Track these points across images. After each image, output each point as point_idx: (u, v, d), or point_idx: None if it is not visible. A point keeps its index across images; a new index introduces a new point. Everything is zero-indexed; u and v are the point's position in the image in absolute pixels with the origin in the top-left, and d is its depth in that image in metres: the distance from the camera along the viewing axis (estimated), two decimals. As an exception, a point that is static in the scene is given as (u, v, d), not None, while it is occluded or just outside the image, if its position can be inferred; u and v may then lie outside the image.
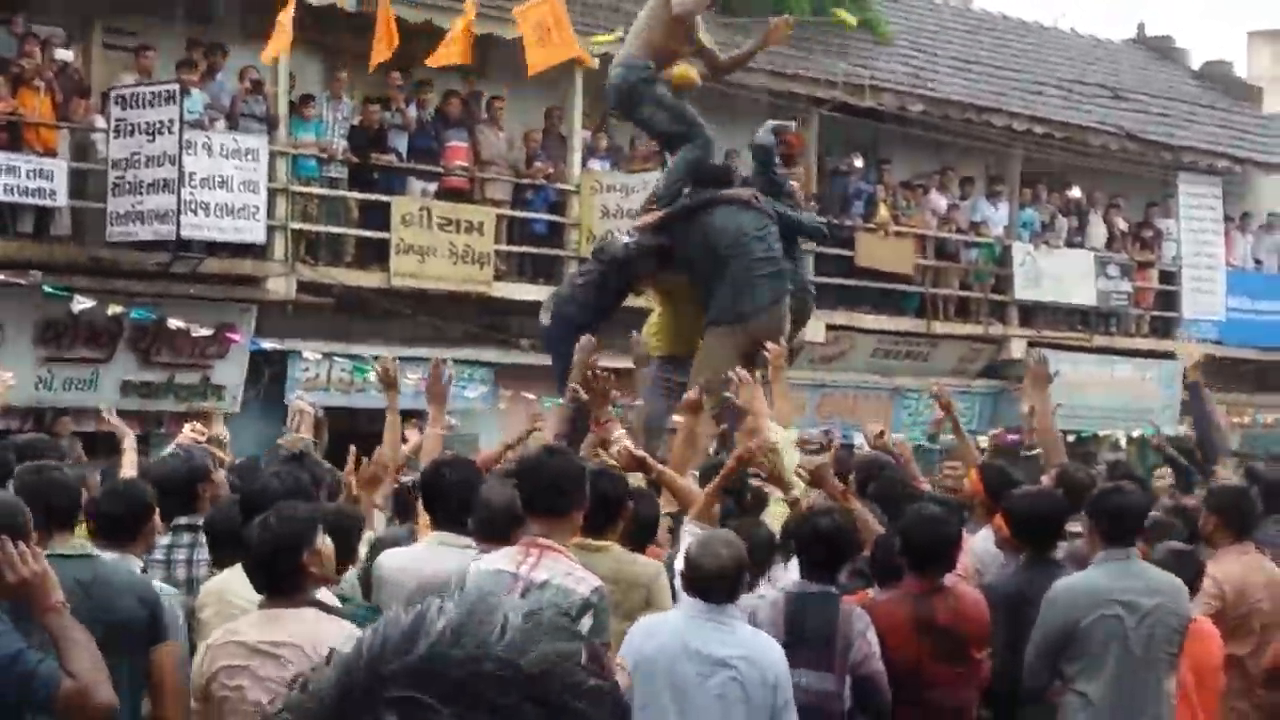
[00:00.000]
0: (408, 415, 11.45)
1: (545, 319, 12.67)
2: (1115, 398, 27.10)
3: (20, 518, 5.56)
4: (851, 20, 13.61)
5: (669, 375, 12.28)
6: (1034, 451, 11.17)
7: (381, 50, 16.77)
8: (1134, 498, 7.74)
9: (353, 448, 8.92)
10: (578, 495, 6.44)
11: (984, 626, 7.19)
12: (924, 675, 7.03)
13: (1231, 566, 8.42)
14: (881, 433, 11.98)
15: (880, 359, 25.81)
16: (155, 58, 19.11)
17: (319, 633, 5.46)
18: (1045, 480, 9.18)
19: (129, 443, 9.91)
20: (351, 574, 7.03)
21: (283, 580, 5.72)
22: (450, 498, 6.94)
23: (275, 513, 5.81)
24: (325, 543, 5.80)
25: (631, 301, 13.65)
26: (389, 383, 9.91)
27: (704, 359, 11.88)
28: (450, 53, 16.25)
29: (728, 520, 7.83)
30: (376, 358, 12.97)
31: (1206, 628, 7.75)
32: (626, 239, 12.43)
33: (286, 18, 15.48)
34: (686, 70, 12.52)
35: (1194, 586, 7.76)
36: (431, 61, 17.70)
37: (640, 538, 7.52)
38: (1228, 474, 10.19)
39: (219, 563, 7.07)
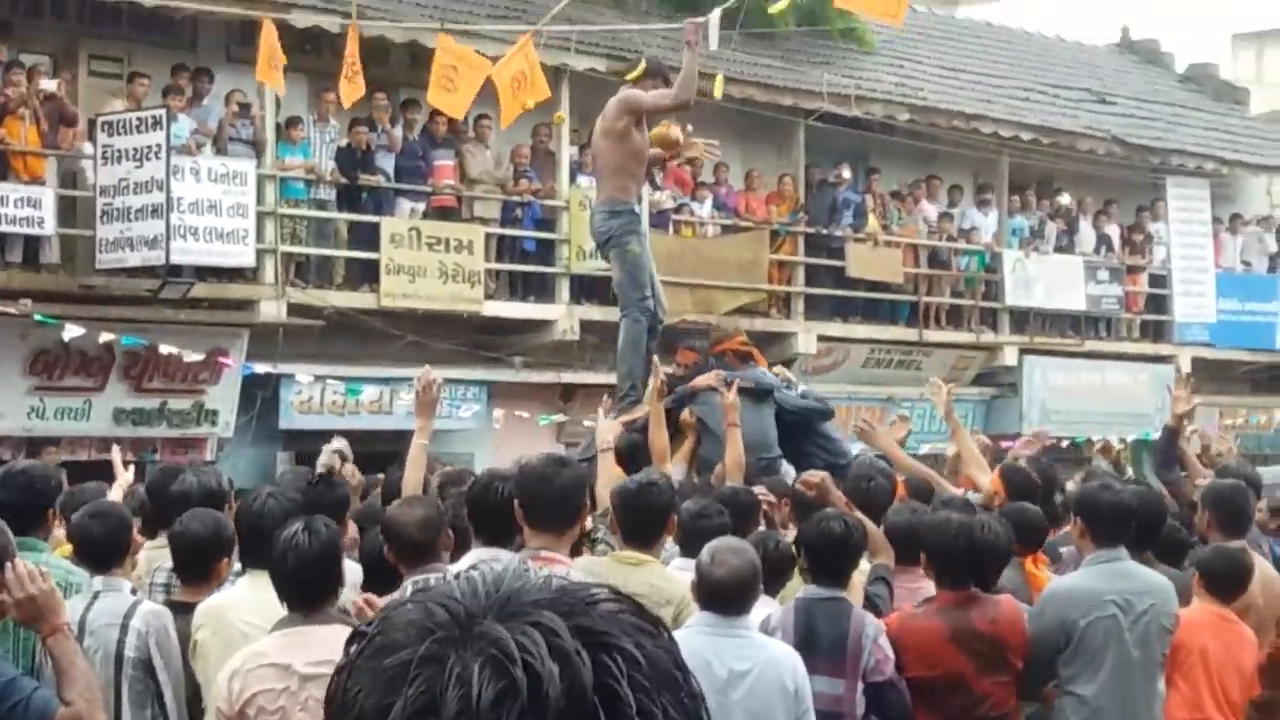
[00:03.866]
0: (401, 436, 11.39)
1: None
2: (1108, 402, 27.10)
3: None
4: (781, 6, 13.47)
5: None
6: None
7: (351, 91, 16.59)
8: (1122, 496, 7.70)
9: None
10: (582, 508, 6.38)
11: (1022, 634, 7.09)
12: (969, 687, 6.95)
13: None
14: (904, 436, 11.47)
15: (873, 368, 25.80)
16: (147, 85, 19.09)
17: None
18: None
19: (120, 482, 9.86)
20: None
21: (316, 596, 5.73)
22: (498, 511, 6.53)
23: (308, 528, 5.79)
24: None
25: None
26: (427, 402, 8.69)
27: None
28: (454, 102, 16.17)
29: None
30: (375, 379, 12.65)
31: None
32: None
33: (270, 37, 15.45)
34: (666, 130, 12.30)
35: (1245, 585, 7.78)
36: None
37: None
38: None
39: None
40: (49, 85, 18.62)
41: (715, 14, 12.53)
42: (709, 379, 10.98)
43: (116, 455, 10.53)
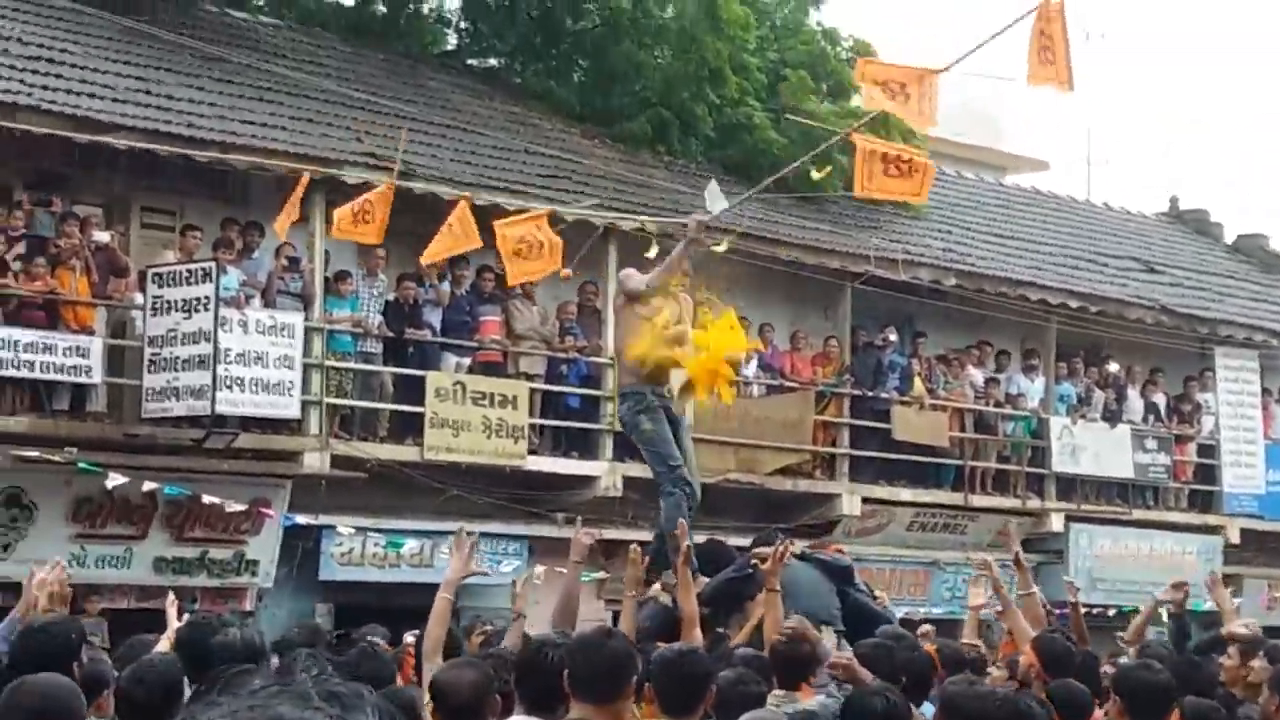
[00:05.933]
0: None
1: None
2: (1155, 571, 26.80)
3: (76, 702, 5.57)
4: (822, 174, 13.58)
5: None
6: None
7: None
8: (1160, 676, 7.57)
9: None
10: (629, 681, 6.17)
11: None
12: None
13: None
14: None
15: (917, 532, 25.66)
16: (199, 238, 19.29)
17: None
18: None
19: (169, 633, 9.80)
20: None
21: None
22: (546, 678, 6.35)
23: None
24: None
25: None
26: (464, 559, 8.70)
27: None
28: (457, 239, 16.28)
29: None
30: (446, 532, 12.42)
31: None
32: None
33: (295, 198, 15.63)
34: (666, 355, 12.12)
35: None
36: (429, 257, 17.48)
37: None
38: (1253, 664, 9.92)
39: None
40: (102, 236, 18.85)
41: (717, 210, 12.63)
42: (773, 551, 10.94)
43: (171, 607, 10.40)
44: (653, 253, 12.56)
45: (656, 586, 11.82)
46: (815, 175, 13.93)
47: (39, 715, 5.68)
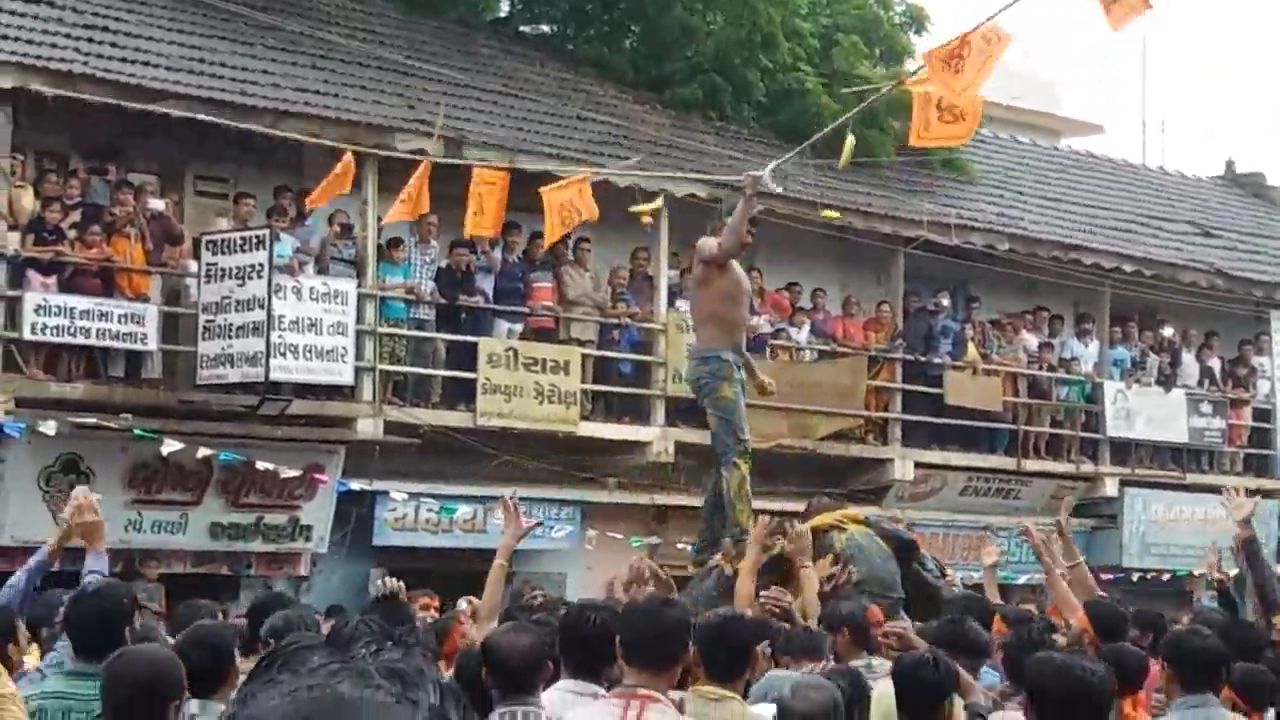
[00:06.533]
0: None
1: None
2: (1209, 536, 26.64)
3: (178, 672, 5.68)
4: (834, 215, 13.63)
5: None
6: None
7: (477, 224, 16.82)
8: (1210, 641, 7.53)
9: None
10: (684, 649, 6.17)
11: None
12: None
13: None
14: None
15: (970, 496, 25.63)
16: (253, 205, 19.39)
17: None
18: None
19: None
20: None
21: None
22: (590, 642, 6.46)
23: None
24: None
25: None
26: (516, 523, 9.01)
27: None
28: (481, 222, 16.39)
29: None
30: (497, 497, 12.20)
31: None
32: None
33: (338, 176, 15.70)
34: None
35: None
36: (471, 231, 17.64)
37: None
38: None
39: None
40: (156, 204, 18.96)
41: (769, 167, 12.68)
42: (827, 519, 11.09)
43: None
44: (649, 207, 12.66)
45: (718, 557, 11.93)
46: (825, 214, 14.01)
47: (146, 688, 5.73)
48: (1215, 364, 28.93)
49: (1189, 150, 62.00)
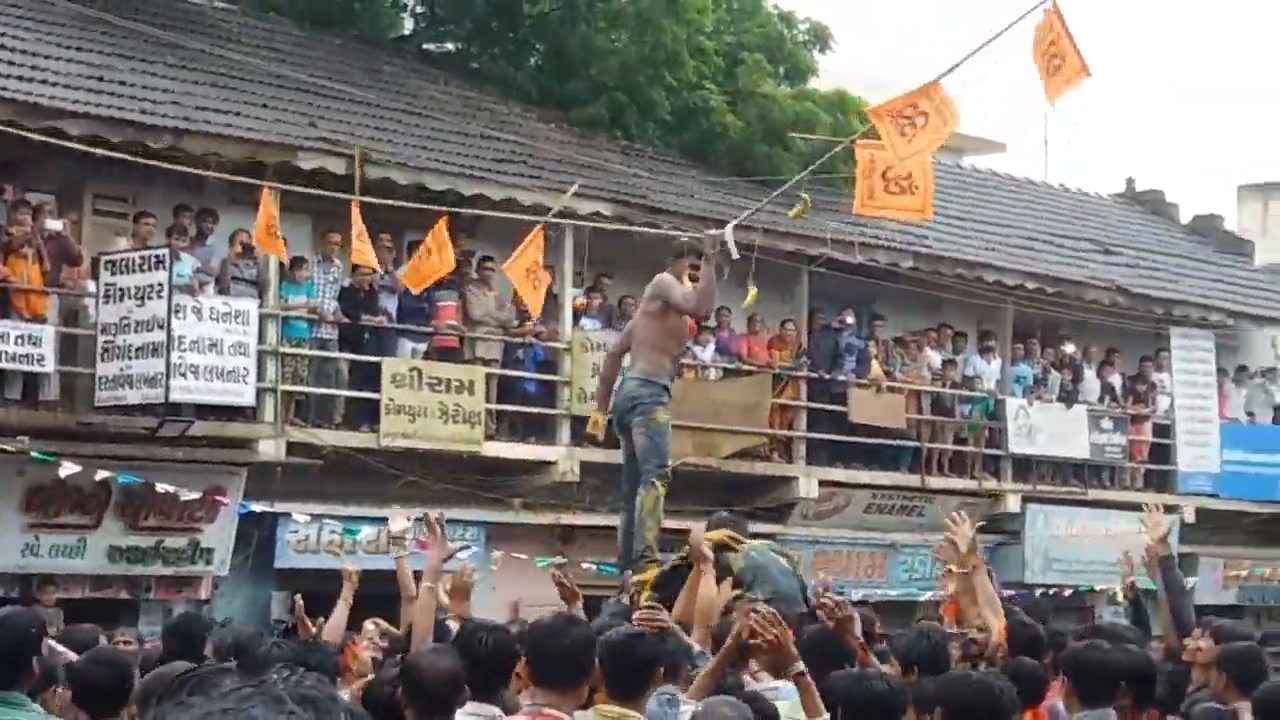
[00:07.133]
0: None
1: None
2: (1112, 551, 26.90)
3: None
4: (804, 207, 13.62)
5: None
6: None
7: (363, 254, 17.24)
8: (1110, 654, 7.58)
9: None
10: (590, 668, 6.19)
11: None
12: None
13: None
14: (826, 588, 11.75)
15: (875, 514, 25.73)
16: (153, 225, 19.18)
17: None
18: None
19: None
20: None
21: None
22: (484, 664, 6.48)
23: None
24: None
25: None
26: (441, 543, 8.76)
27: None
28: (434, 264, 16.54)
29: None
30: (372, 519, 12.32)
31: None
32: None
33: (268, 206, 15.69)
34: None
35: None
36: (411, 283, 17.92)
37: None
38: (1199, 644, 9.81)
39: None
40: (54, 224, 18.72)
41: (730, 226, 12.71)
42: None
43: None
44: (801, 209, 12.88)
45: (627, 575, 11.91)
46: (791, 214, 14.10)
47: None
48: (1116, 380, 29.19)
49: (1089, 168, 62.57)
